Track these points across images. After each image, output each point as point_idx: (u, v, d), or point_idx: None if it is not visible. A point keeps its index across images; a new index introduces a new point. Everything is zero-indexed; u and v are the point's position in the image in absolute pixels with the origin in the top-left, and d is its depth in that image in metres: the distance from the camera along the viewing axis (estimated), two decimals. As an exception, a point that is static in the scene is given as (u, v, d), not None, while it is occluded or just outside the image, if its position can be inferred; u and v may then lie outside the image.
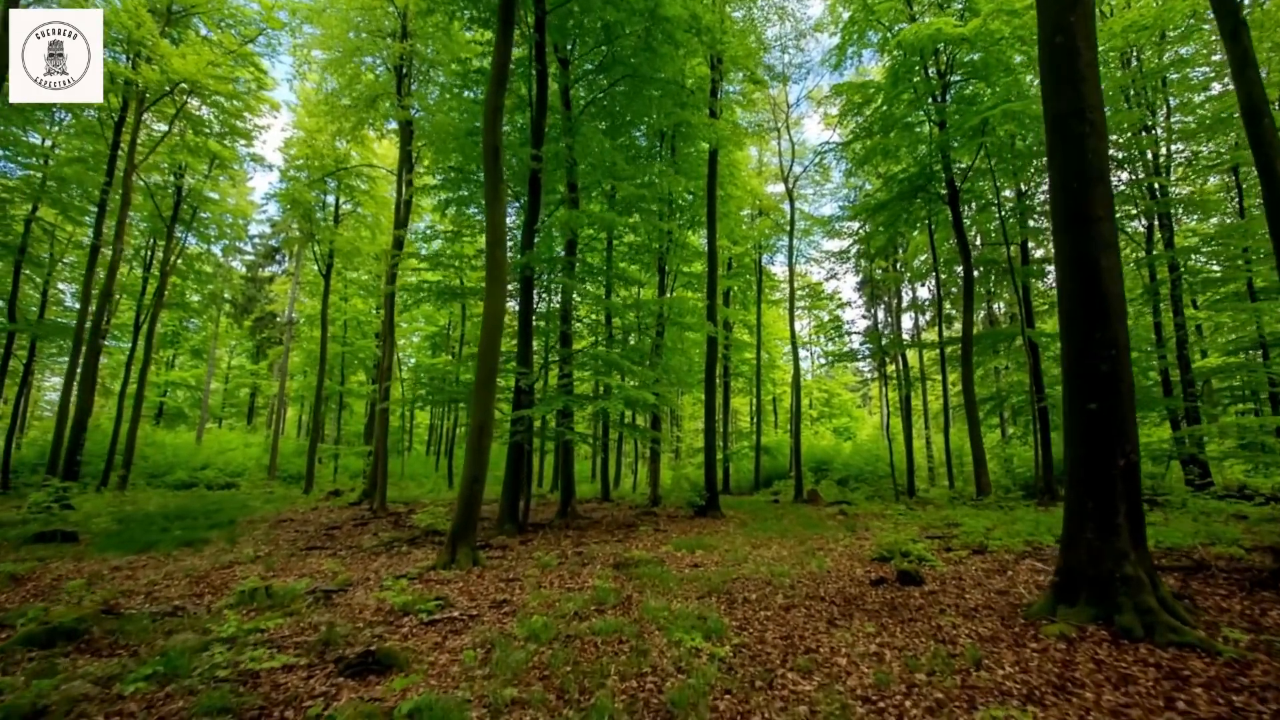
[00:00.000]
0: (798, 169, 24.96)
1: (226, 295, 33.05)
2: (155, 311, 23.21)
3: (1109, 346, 5.66)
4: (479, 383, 9.36)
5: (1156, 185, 19.34)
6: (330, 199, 26.48)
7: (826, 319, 34.30)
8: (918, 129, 20.29)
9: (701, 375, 24.28)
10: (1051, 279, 24.74)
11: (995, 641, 5.32)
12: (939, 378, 27.51)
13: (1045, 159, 20.18)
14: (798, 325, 35.54)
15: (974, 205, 22.30)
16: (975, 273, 25.16)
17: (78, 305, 29.23)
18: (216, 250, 30.05)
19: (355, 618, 6.32)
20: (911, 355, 26.32)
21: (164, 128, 21.52)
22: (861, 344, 26.92)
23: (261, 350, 36.64)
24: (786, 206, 27.99)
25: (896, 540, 9.87)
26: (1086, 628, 5.33)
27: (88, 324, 18.54)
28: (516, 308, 15.34)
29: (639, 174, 14.26)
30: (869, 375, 45.68)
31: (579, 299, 14.90)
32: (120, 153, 19.51)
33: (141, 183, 22.91)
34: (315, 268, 26.56)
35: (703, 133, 15.77)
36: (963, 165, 19.51)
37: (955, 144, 18.10)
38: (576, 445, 37.34)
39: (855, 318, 29.71)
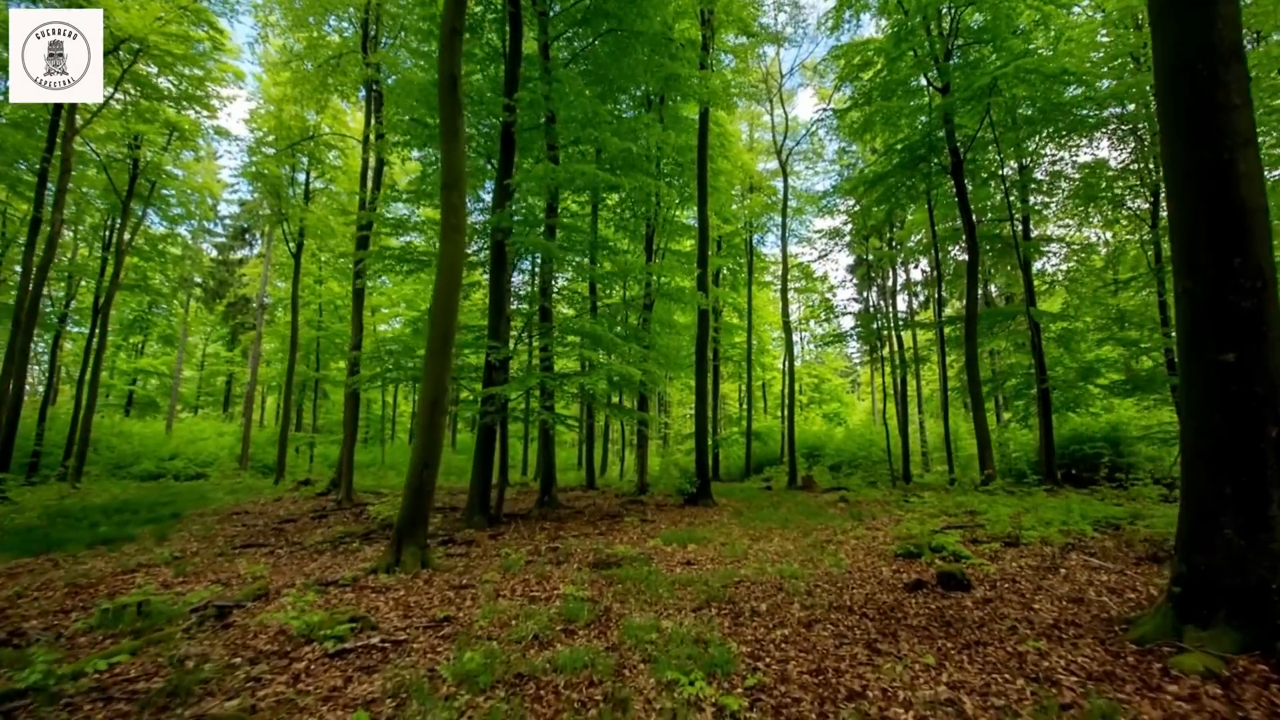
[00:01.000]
0: (790, 144, 23.34)
1: (197, 279, 30.92)
2: (111, 293, 21.20)
3: (1252, 276, 4.06)
4: (431, 349, 7.64)
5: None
6: (301, 176, 24.53)
7: (817, 303, 32.72)
8: (915, 101, 18.68)
9: (691, 359, 22.64)
10: (1054, 259, 23.25)
11: (1113, 681, 3.71)
12: (935, 360, 26.04)
13: (1052, 128, 18.76)
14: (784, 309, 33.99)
15: (970, 183, 20.81)
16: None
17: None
18: (184, 232, 27.94)
19: (241, 647, 4.62)
20: (906, 337, 24.83)
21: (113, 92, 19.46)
22: (854, 326, 25.41)
23: (235, 336, 34.51)
24: (778, 184, 26.37)
25: (921, 532, 8.30)
26: (1236, 661, 3.74)
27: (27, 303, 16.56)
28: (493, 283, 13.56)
29: (624, 128, 12.46)
30: (858, 361, 44.31)
31: (560, 271, 13.12)
32: (63, 117, 17.46)
33: (94, 155, 20.86)
34: (289, 248, 24.59)
35: (693, 89, 14.04)
36: (967, 134, 17.89)
37: (961, 108, 16.47)
38: (559, 431, 35.57)
39: (847, 300, 28.26)
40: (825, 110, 19.55)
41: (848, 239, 23.72)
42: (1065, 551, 7.76)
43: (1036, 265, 22.18)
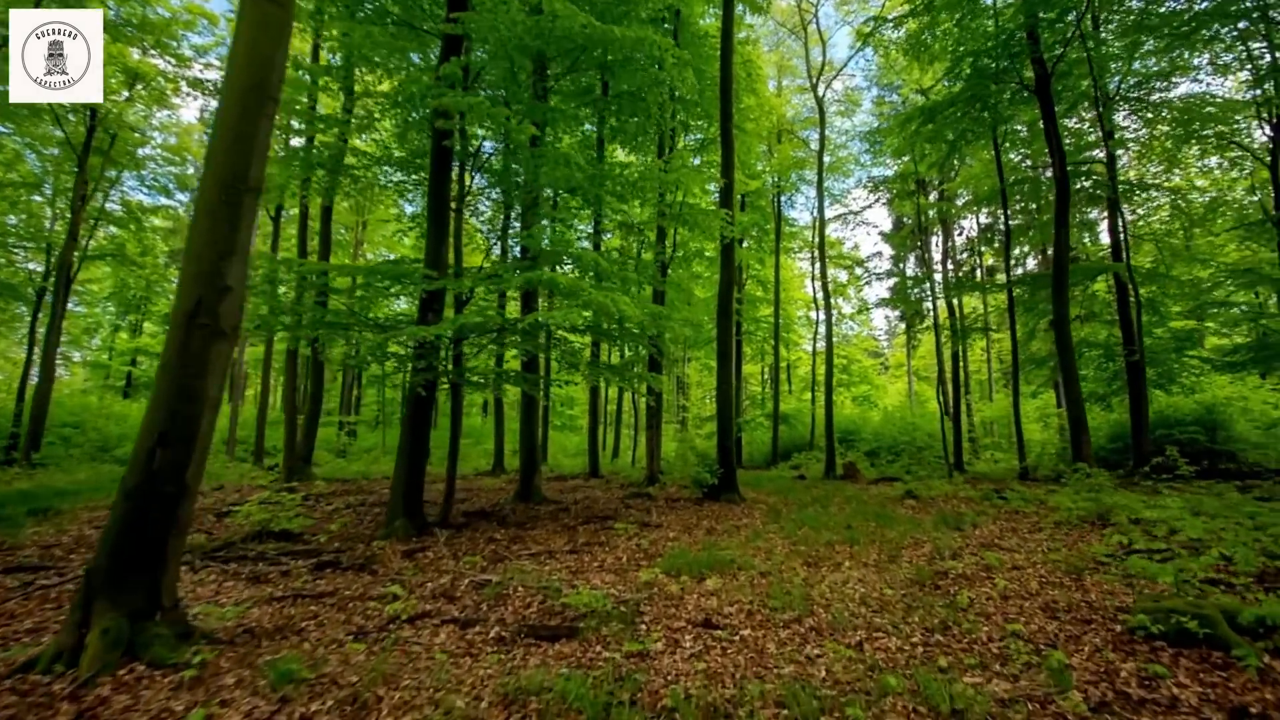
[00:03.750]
0: (823, 88, 18.84)
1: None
2: (66, 256, 17.64)
3: None
4: (202, 206, 3.61)
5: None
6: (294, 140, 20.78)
7: (846, 279, 28.11)
8: (981, 21, 14.18)
9: (711, 333, 18.42)
10: (1135, 212, 18.44)
11: None
12: (983, 335, 21.40)
13: (1154, 38, 14.06)
14: (810, 287, 29.49)
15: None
16: (1032, 206, 19.02)
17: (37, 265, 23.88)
18: (176, 204, 24.45)
19: None
20: (958, 305, 20.24)
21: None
22: (893, 293, 20.85)
23: (234, 314, 31.17)
24: (809, 135, 21.88)
25: (1174, 579, 4.06)
26: None
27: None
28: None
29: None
30: (887, 342, 39.52)
31: (549, 182, 8.65)
32: None
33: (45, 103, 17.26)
34: (266, 212, 20.87)
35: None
36: (1059, 35, 13.25)
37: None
38: (566, 414, 31.26)
39: (883, 271, 23.58)
40: (880, 19, 14.96)
41: (890, 194, 19.17)
42: None
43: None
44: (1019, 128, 17.63)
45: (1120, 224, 14.35)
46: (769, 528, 7.91)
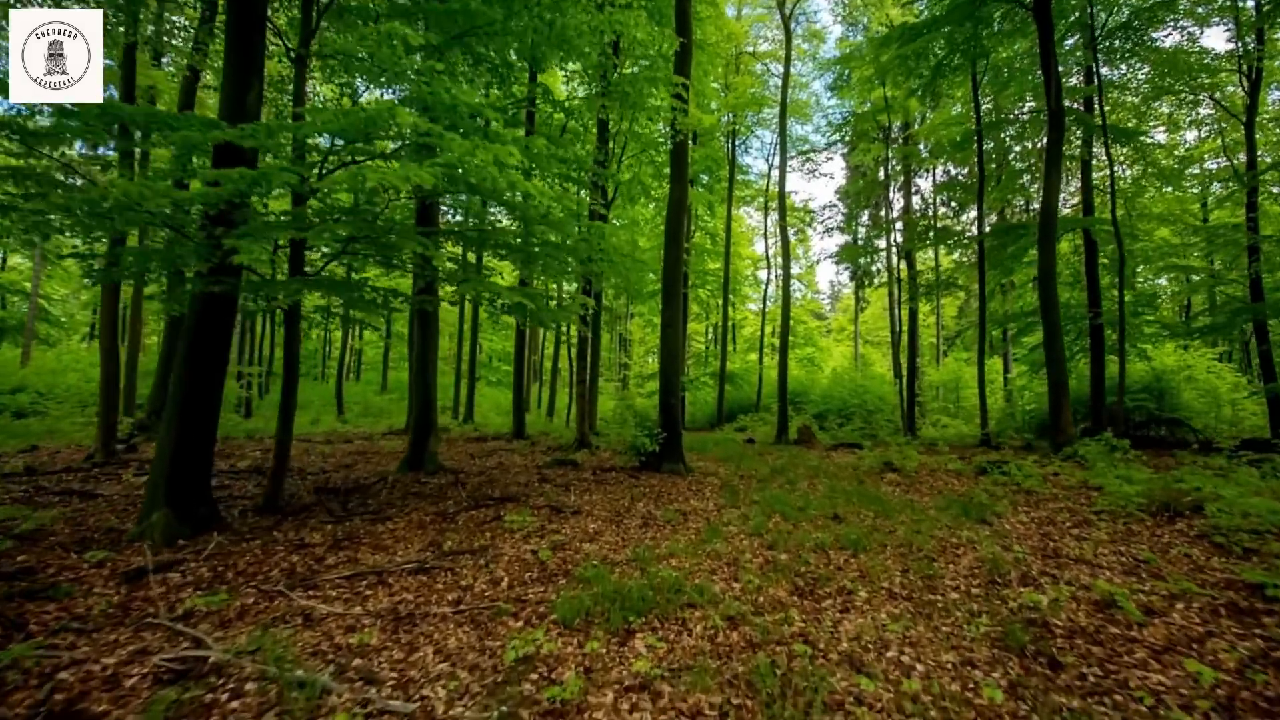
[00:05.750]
0: (791, 9, 16.01)
1: (69, 178, 22.42)
2: None
3: None
4: None
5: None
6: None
7: (795, 237, 25.92)
8: None
9: (655, 287, 15.81)
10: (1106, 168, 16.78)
11: None
12: (944, 290, 19.63)
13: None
14: (760, 245, 27.20)
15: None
16: (992, 165, 17.05)
17: None
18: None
19: None
20: (900, 270, 18.32)
21: None
22: (865, 242, 18.72)
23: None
24: (774, 67, 19.15)
25: None
26: None
27: None
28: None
29: None
30: (830, 305, 38.05)
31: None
32: None
33: None
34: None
35: None
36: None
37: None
38: (491, 364, 27.89)
39: (834, 220, 21.21)
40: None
41: (853, 136, 16.79)
42: None
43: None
44: (984, 76, 15.48)
45: (1109, 172, 12.47)
46: (727, 515, 5.51)
